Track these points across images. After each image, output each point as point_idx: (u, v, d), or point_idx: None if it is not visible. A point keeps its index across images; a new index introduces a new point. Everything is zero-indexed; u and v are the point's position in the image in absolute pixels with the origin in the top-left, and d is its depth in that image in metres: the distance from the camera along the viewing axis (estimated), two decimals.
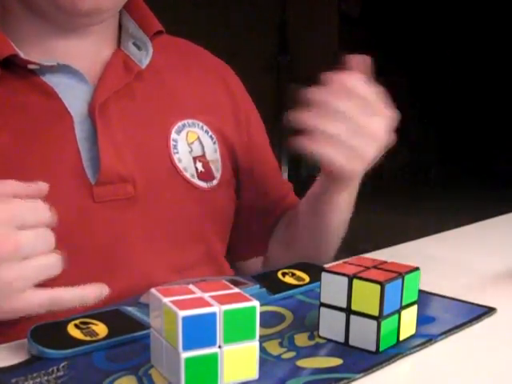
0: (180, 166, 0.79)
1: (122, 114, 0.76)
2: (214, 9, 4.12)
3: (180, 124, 0.81)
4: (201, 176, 0.80)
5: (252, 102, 0.94)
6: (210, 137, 0.83)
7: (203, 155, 0.81)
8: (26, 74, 0.73)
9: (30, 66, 0.72)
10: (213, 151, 0.83)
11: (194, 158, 0.80)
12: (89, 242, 0.72)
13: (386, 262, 0.58)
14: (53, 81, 0.74)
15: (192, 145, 0.81)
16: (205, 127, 0.83)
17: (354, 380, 0.50)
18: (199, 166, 0.81)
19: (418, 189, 4.78)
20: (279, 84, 4.55)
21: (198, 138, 0.82)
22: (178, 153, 0.79)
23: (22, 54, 0.72)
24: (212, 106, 0.86)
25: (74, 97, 0.74)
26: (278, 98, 4.58)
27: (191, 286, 0.50)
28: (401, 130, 0.72)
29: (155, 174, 0.77)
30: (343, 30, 4.48)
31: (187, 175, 0.79)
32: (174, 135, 0.79)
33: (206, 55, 0.92)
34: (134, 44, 0.80)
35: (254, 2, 4.36)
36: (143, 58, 0.79)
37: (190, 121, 0.82)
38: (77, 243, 0.71)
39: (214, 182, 0.82)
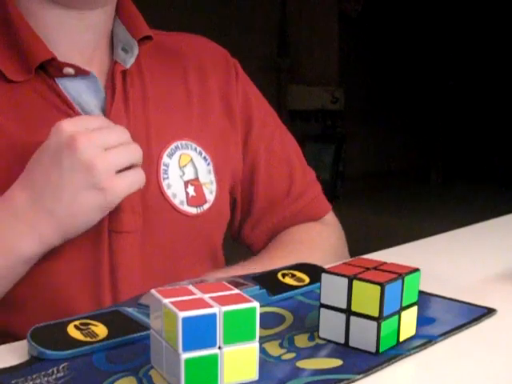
0: (169, 192, 0.78)
1: None
2: (213, 10, 4.12)
3: (173, 146, 0.80)
4: (191, 201, 0.79)
5: (258, 102, 0.93)
6: (204, 158, 0.82)
7: (196, 178, 0.80)
8: (47, 79, 0.74)
9: (66, 70, 0.73)
10: (206, 173, 0.82)
11: (186, 182, 0.80)
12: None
13: (385, 263, 0.58)
14: (68, 90, 0.74)
15: (184, 168, 0.80)
16: (198, 148, 0.82)
17: (354, 381, 0.50)
18: (191, 190, 0.80)
19: (418, 189, 4.78)
20: (279, 85, 4.55)
21: (191, 160, 0.81)
22: (168, 178, 0.78)
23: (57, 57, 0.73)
24: (208, 121, 0.85)
25: (90, 110, 0.75)
26: (279, 100, 4.59)
27: (191, 287, 0.50)
28: (400, 130, 0.72)
29: (146, 201, 0.76)
30: (343, 31, 4.48)
31: (175, 202, 0.78)
32: (165, 159, 0.78)
33: (205, 52, 0.90)
34: (123, 49, 0.80)
35: (254, 2, 4.36)
36: (127, 59, 0.79)
37: (184, 142, 0.81)
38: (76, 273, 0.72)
39: (206, 207, 0.81)
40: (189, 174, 0.80)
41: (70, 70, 0.73)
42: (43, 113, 0.73)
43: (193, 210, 0.79)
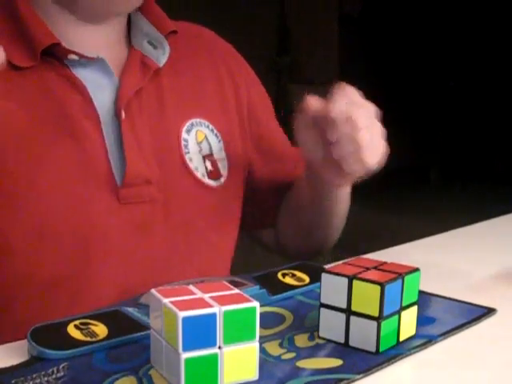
0: (191, 165, 0.80)
1: (143, 114, 0.77)
2: (213, 10, 4.13)
3: (189, 123, 0.82)
4: (210, 175, 0.82)
5: (257, 85, 0.94)
6: (216, 135, 0.84)
7: (211, 154, 0.83)
8: (57, 65, 0.73)
9: (70, 57, 0.73)
10: (219, 150, 0.84)
11: (204, 157, 0.82)
12: (112, 243, 0.73)
13: (386, 263, 0.58)
14: (82, 74, 0.74)
15: (201, 144, 0.82)
16: (210, 126, 0.84)
17: (354, 381, 0.50)
18: (208, 164, 0.82)
19: (418, 189, 4.78)
20: (280, 86, 4.55)
21: (206, 137, 0.83)
22: (188, 152, 0.80)
23: (63, 44, 0.73)
24: (217, 103, 0.87)
25: (102, 95, 0.75)
26: (279, 100, 4.59)
27: (191, 287, 0.50)
28: (400, 130, 0.73)
29: (170, 175, 0.78)
30: (343, 31, 4.48)
31: (198, 175, 0.80)
32: (184, 135, 0.80)
33: (212, 43, 0.92)
34: (149, 43, 0.81)
35: (253, 2, 4.36)
36: (160, 57, 0.80)
37: (198, 120, 0.83)
38: (99, 243, 0.72)
39: (222, 180, 0.83)
40: (205, 149, 0.82)
41: (75, 57, 0.74)
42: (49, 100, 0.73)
43: (212, 183, 0.82)
